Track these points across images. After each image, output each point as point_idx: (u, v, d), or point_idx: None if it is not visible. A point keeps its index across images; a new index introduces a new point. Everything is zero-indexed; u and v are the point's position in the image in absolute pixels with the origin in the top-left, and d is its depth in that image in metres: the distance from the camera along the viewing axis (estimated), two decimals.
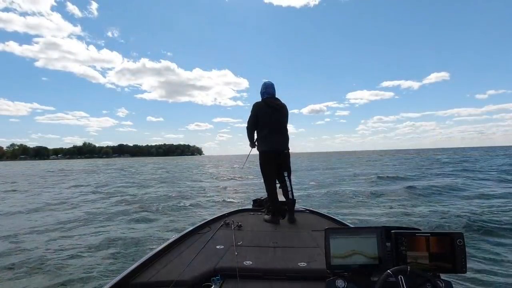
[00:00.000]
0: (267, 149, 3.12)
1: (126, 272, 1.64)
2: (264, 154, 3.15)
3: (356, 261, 1.28)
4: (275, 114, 3.13)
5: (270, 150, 3.11)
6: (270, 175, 3.17)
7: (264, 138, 3.15)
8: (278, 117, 3.14)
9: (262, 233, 2.61)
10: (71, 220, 6.74)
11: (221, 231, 2.66)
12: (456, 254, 1.23)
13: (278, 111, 3.15)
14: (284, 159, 3.15)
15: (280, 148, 3.12)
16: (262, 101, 3.21)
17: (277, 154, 3.13)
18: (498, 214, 5.98)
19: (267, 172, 3.18)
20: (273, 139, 3.11)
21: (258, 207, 3.73)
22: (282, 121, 3.17)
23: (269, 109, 3.12)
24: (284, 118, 3.20)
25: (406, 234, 1.28)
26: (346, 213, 6.91)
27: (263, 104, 3.17)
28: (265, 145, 3.13)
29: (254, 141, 3.32)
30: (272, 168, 3.15)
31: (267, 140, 3.12)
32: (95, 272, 3.59)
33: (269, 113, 3.12)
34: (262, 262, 1.85)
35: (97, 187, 14.66)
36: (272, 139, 3.10)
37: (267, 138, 3.12)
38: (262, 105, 3.17)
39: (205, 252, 2.08)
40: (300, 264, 1.80)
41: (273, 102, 3.15)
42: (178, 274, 1.67)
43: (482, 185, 11.09)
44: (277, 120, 3.13)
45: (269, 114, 3.12)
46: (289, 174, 3.18)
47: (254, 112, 3.18)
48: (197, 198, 10.13)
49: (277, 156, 3.13)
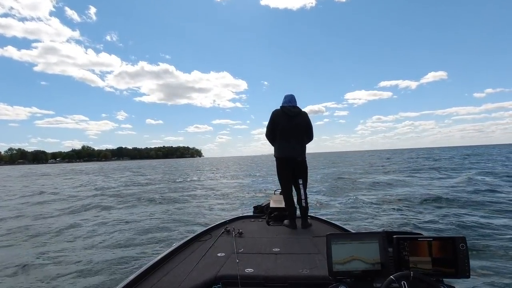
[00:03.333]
0: (280, 155, 3.17)
1: (127, 281, 1.63)
2: (278, 161, 3.21)
3: (358, 267, 1.28)
4: (291, 121, 3.16)
5: (283, 157, 3.16)
6: (284, 181, 3.21)
7: (279, 144, 3.21)
8: (294, 124, 3.16)
9: (263, 240, 2.60)
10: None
11: (222, 238, 2.64)
12: (459, 258, 1.23)
13: (294, 118, 3.17)
14: (298, 166, 3.16)
15: (294, 155, 3.14)
16: (280, 108, 3.27)
17: (291, 161, 3.15)
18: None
19: (282, 178, 3.23)
20: (287, 146, 3.14)
21: (259, 214, 3.71)
22: (298, 129, 3.17)
23: (285, 116, 3.17)
24: (301, 125, 3.19)
25: (408, 239, 1.28)
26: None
27: (280, 111, 3.23)
28: (279, 152, 3.19)
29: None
30: (286, 174, 3.19)
31: (281, 146, 3.17)
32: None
33: (285, 120, 3.16)
34: (263, 270, 1.84)
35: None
36: (286, 146, 3.15)
37: (281, 144, 3.18)
38: (279, 112, 3.24)
39: (206, 260, 2.06)
40: (302, 271, 1.79)
41: (290, 110, 3.19)
42: (180, 282, 1.66)
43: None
44: (293, 128, 3.15)
45: (285, 121, 3.16)
46: (304, 181, 3.17)
47: (271, 119, 3.25)
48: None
49: (291, 163, 3.15)
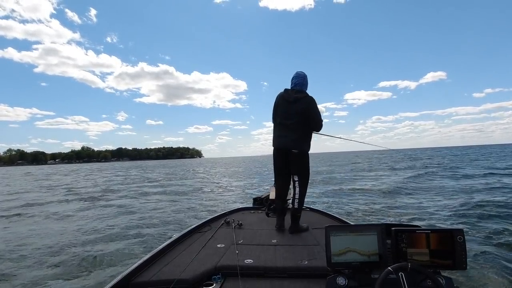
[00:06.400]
0: (273, 145, 2.85)
1: (127, 272, 1.64)
2: (273, 151, 2.86)
3: (357, 259, 1.29)
4: (290, 108, 2.74)
5: (275, 147, 2.82)
6: (278, 170, 2.87)
7: (274, 133, 2.89)
8: (291, 111, 2.73)
9: (262, 232, 2.62)
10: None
11: (221, 229, 2.66)
12: (457, 250, 1.24)
13: (293, 104, 2.73)
14: (294, 160, 2.72)
15: (287, 146, 2.72)
16: (283, 90, 2.87)
17: (285, 152, 2.75)
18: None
19: (276, 167, 2.88)
20: (280, 135, 2.79)
21: (258, 206, 3.74)
22: (295, 116, 2.71)
23: (283, 101, 2.80)
24: (299, 113, 2.70)
25: (406, 231, 1.29)
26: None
27: (281, 94, 2.86)
28: (273, 141, 2.87)
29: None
30: (279, 167, 2.84)
31: (275, 135, 2.85)
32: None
33: (283, 106, 2.79)
34: (262, 260, 1.86)
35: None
36: (280, 135, 2.79)
37: (275, 133, 2.86)
38: (280, 96, 2.86)
39: (205, 250, 2.08)
40: (301, 262, 1.80)
41: (290, 94, 2.78)
42: (179, 273, 1.67)
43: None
44: (291, 115, 2.72)
45: (283, 107, 2.79)
46: (301, 178, 2.74)
47: (274, 103, 2.89)
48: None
49: (284, 155, 2.76)
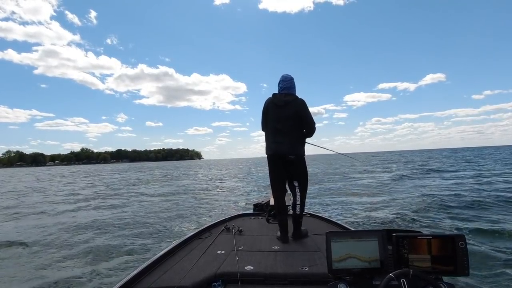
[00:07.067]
0: (268, 152, 2.73)
1: (128, 278, 1.63)
2: (268, 159, 2.74)
3: (358, 265, 1.28)
4: (279, 112, 2.66)
5: (270, 154, 2.71)
6: (274, 182, 2.74)
7: (266, 139, 2.79)
8: (282, 115, 2.65)
9: (263, 238, 2.61)
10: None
11: (221, 236, 2.65)
12: (458, 256, 1.23)
13: (283, 108, 2.65)
14: (291, 166, 2.66)
15: (283, 152, 2.63)
16: (272, 95, 2.81)
17: (280, 159, 2.66)
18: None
19: (271, 179, 2.76)
20: (274, 141, 2.67)
21: (258, 212, 3.73)
22: (287, 121, 2.63)
23: (273, 106, 2.71)
24: (291, 117, 2.63)
25: (408, 237, 1.28)
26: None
27: (269, 99, 2.78)
28: (267, 148, 2.75)
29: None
30: (276, 175, 2.72)
31: (269, 142, 2.74)
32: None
33: (273, 111, 2.70)
34: (263, 267, 1.85)
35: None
36: (273, 141, 2.68)
37: (269, 140, 2.74)
38: (269, 100, 2.77)
39: (206, 257, 2.07)
40: (302, 268, 1.79)
41: (278, 98, 2.71)
42: (179, 279, 1.67)
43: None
44: (281, 119, 2.65)
45: (273, 112, 2.70)
46: (301, 183, 2.69)
47: (263, 109, 2.81)
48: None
49: (281, 162, 2.66)
